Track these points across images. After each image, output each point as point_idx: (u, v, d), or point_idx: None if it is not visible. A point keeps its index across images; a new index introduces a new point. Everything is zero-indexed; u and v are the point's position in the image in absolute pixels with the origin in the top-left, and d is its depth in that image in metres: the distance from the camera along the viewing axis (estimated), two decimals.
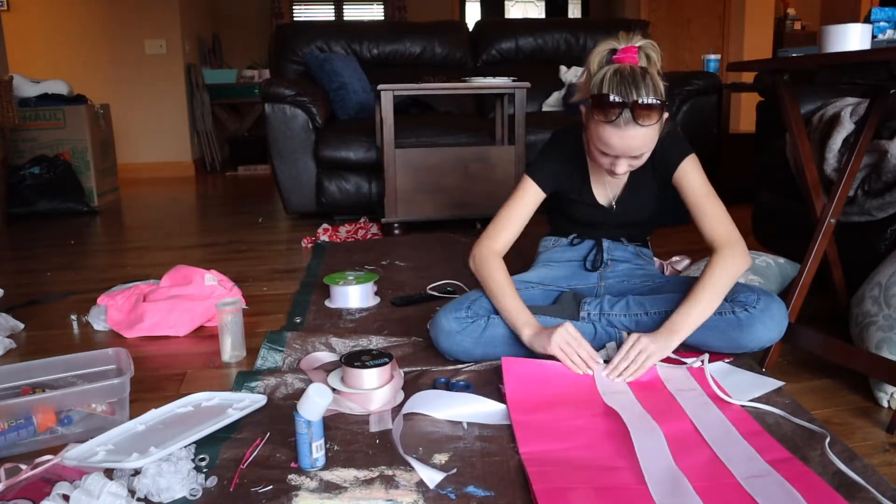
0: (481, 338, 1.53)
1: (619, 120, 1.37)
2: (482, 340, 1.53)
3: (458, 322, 1.53)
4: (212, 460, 1.19)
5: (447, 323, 1.54)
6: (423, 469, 1.13)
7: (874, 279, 1.51)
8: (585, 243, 1.75)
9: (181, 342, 1.83)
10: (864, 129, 1.58)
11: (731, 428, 1.23)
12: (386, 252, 2.69)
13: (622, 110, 1.36)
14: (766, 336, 1.46)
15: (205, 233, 3.33)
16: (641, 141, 1.40)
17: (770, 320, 1.45)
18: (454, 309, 1.56)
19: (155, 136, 5.66)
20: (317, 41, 3.88)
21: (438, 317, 1.56)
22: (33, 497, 1.05)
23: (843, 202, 1.60)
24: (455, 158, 3.01)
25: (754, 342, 1.46)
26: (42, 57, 5.38)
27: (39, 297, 2.26)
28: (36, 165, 3.85)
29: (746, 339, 1.46)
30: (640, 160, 1.46)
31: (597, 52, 1.43)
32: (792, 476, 1.08)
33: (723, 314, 1.47)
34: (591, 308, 1.59)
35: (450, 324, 1.54)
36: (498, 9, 7.49)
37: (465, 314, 1.55)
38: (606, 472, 1.11)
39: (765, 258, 1.98)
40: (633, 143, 1.40)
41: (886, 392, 1.37)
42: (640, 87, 1.35)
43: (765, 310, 1.45)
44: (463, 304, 1.57)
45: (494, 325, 1.54)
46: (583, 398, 1.35)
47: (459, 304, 1.57)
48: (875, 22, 1.42)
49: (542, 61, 4.12)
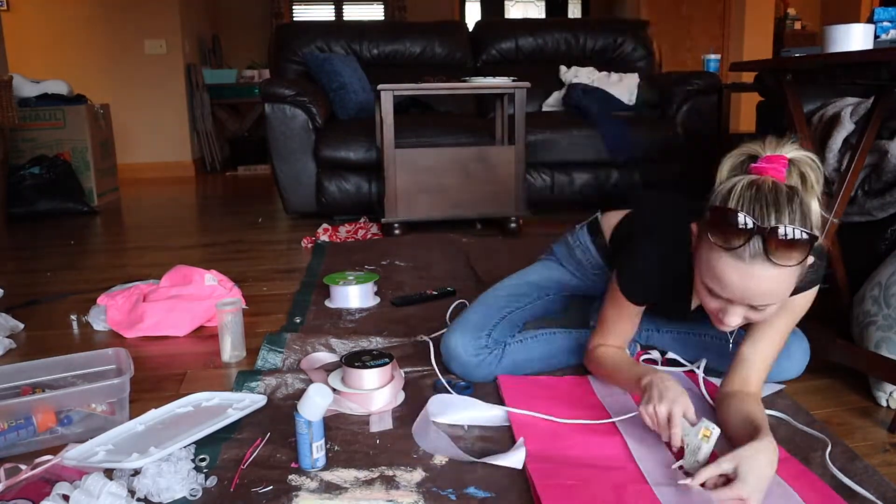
0: (497, 368, 1.47)
1: (745, 251, 1.00)
2: (498, 370, 1.47)
3: (476, 357, 1.44)
4: (212, 460, 1.19)
5: (465, 354, 1.45)
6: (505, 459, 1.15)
7: (874, 279, 1.51)
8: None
9: (181, 342, 1.83)
10: (867, 129, 1.58)
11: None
12: (386, 252, 2.69)
13: (751, 237, 0.99)
14: (780, 375, 1.42)
15: (205, 233, 3.33)
16: (770, 286, 1.01)
17: (786, 360, 1.39)
18: (473, 336, 1.45)
19: (155, 136, 5.65)
20: (317, 41, 3.88)
21: (454, 341, 1.45)
22: (33, 497, 1.05)
23: (846, 202, 1.60)
24: (455, 158, 3.00)
25: (774, 377, 1.40)
26: (42, 57, 5.38)
27: (39, 297, 2.26)
28: (36, 165, 3.84)
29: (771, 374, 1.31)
30: (761, 314, 1.07)
31: (730, 156, 1.09)
32: (791, 476, 1.08)
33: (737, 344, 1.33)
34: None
35: (468, 357, 1.45)
36: (498, 9, 7.49)
37: (485, 342, 1.45)
38: (609, 471, 1.11)
39: None
40: (758, 286, 1.01)
41: (885, 391, 1.37)
42: (782, 211, 0.99)
43: (787, 346, 1.32)
44: (483, 330, 1.46)
45: (511, 352, 1.48)
46: (582, 402, 1.36)
47: (479, 328, 1.46)
48: (878, 22, 1.42)
49: (542, 61, 4.12)
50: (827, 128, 2.01)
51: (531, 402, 1.35)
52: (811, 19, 6.41)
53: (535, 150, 3.38)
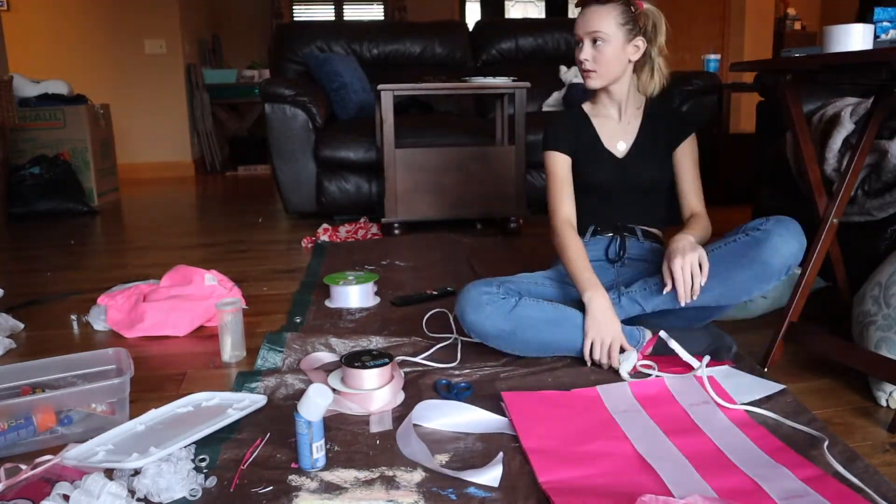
0: (511, 314, 1.51)
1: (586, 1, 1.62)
2: (512, 317, 1.51)
3: (487, 295, 1.53)
4: (212, 460, 1.19)
5: (476, 295, 1.53)
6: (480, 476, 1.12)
7: (874, 279, 1.51)
8: (603, 239, 1.73)
9: (181, 342, 1.83)
10: (867, 129, 1.58)
11: (755, 447, 1.19)
12: (386, 252, 2.69)
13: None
14: (786, 248, 1.45)
15: (205, 233, 3.33)
16: (596, 19, 1.59)
17: (786, 232, 1.45)
18: (483, 283, 1.56)
19: (155, 136, 5.65)
20: (317, 41, 3.88)
21: (466, 289, 1.55)
22: (33, 497, 1.05)
23: (846, 202, 1.60)
24: (455, 158, 3.00)
25: (776, 256, 1.44)
26: (42, 57, 5.38)
27: (39, 297, 2.26)
28: (36, 165, 3.85)
29: (767, 253, 1.44)
30: (601, 53, 1.60)
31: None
32: (831, 496, 1.04)
33: (737, 240, 1.50)
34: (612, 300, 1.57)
35: (479, 296, 1.52)
36: (498, 9, 7.49)
37: (495, 289, 1.54)
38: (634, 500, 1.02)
39: None
40: (589, 17, 1.60)
41: (885, 391, 1.37)
42: None
43: (777, 223, 1.47)
44: (493, 282, 1.57)
45: (525, 305, 1.53)
46: (595, 420, 1.29)
47: (489, 281, 1.58)
48: (878, 22, 1.42)
49: (542, 61, 4.12)
50: (827, 128, 2.00)
51: (540, 423, 1.28)
52: (811, 19, 6.41)
53: (535, 150, 3.38)
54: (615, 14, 1.59)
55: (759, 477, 1.10)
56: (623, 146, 1.71)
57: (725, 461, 1.16)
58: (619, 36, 1.60)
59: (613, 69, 1.63)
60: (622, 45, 1.61)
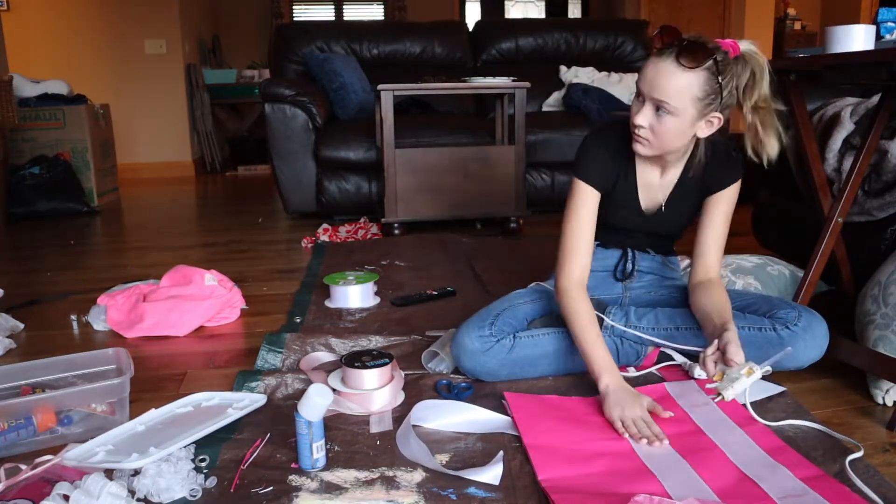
0: (507, 359, 1.45)
1: (663, 51, 1.30)
2: (508, 361, 1.45)
3: (481, 341, 1.44)
4: (212, 461, 1.19)
5: (470, 342, 1.45)
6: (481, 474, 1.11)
7: (875, 278, 1.51)
8: (612, 252, 1.62)
9: (181, 342, 1.83)
10: (872, 129, 1.57)
11: (755, 445, 1.19)
12: (386, 252, 2.69)
13: (671, 46, 1.30)
14: (806, 356, 1.39)
15: (205, 233, 3.33)
16: (670, 82, 1.28)
17: (812, 340, 1.37)
18: (476, 327, 1.47)
19: (155, 136, 5.65)
20: (317, 41, 3.88)
21: (460, 335, 1.47)
22: (33, 497, 1.05)
23: (850, 201, 1.60)
24: (455, 158, 3.00)
25: (794, 362, 1.39)
26: (42, 57, 5.38)
27: (39, 297, 2.26)
28: (36, 165, 3.85)
29: (785, 359, 1.35)
30: (662, 125, 1.32)
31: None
32: (830, 496, 1.04)
33: (762, 330, 1.40)
34: (617, 319, 1.52)
35: (473, 343, 1.44)
36: (498, 9, 7.49)
37: (488, 332, 1.46)
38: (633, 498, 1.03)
39: (779, 266, 1.89)
40: (661, 80, 1.29)
41: (882, 388, 1.37)
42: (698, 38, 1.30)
43: (807, 328, 1.38)
44: (485, 321, 1.48)
45: (522, 345, 1.46)
46: (596, 420, 1.30)
47: (481, 320, 1.48)
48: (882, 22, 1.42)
49: (542, 61, 4.12)
50: (827, 128, 2.00)
51: (542, 421, 1.28)
52: (811, 19, 6.41)
53: (535, 150, 3.38)
54: (695, 85, 1.29)
55: (758, 477, 1.10)
56: (658, 201, 1.53)
57: (725, 461, 1.16)
58: (690, 112, 1.31)
59: (672, 144, 1.37)
60: (692, 122, 1.33)
